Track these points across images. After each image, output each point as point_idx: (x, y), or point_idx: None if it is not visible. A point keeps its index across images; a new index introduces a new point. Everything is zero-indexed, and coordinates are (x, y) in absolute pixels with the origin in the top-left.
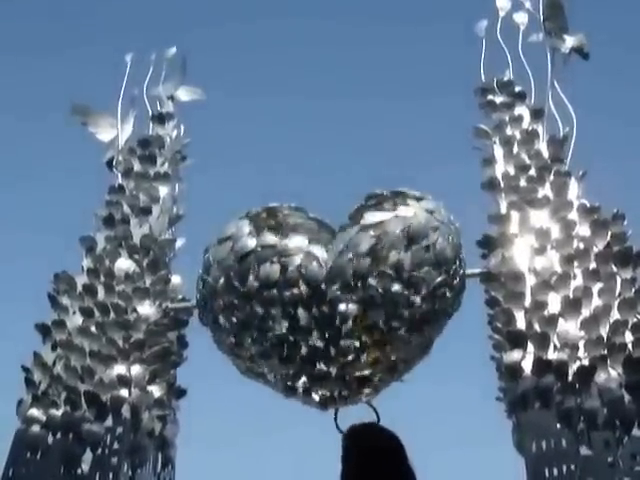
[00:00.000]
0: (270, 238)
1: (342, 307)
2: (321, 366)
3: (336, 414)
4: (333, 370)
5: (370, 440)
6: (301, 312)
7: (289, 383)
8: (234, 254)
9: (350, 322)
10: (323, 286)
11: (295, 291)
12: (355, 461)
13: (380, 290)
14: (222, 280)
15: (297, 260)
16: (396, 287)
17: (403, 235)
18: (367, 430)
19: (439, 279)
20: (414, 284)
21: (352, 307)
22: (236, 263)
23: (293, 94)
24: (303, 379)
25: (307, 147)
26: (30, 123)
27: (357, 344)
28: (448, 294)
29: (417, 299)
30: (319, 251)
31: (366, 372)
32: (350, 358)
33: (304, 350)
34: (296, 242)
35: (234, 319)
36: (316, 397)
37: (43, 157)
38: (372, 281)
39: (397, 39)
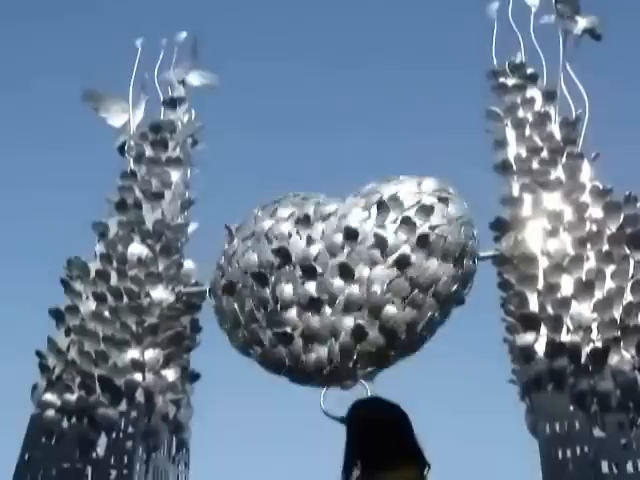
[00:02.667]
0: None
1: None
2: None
3: (324, 395)
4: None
5: (374, 411)
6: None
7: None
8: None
9: None
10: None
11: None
12: (359, 432)
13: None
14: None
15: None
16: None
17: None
18: (371, 403)
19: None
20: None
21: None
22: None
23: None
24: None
25: (320, 130)
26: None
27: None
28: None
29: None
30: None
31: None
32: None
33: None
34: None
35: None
36: (312, 357)
37: (56, 142)
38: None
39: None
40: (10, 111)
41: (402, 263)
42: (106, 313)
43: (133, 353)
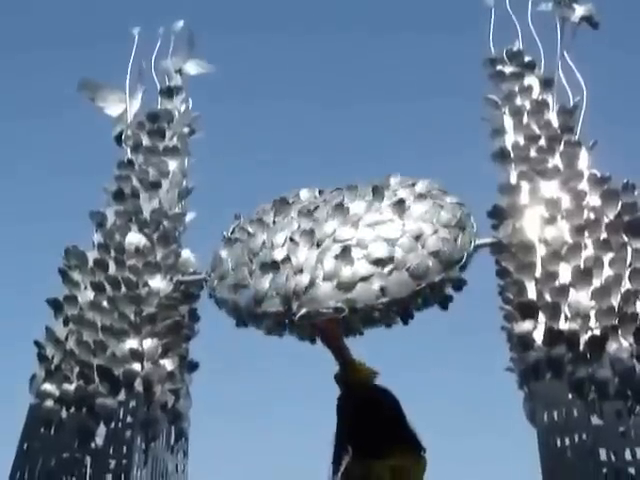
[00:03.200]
0: None
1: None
2: None
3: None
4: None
5: (367, 396)
6: None
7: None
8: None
9: None
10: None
11: None
12: (351, 417)
13: None
14: None
15: None
16: None
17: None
18: (362, 388)
19: None
20: None
21: None
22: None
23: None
24: None
25: (319, 124)
26: (39, 99)
27: None
28: None
29: None
30: None
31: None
32: None
33: None
34: None
35: None
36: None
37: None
38: None
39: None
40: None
41: (399, 209)
42: (104, 303)
43: (131, 343)
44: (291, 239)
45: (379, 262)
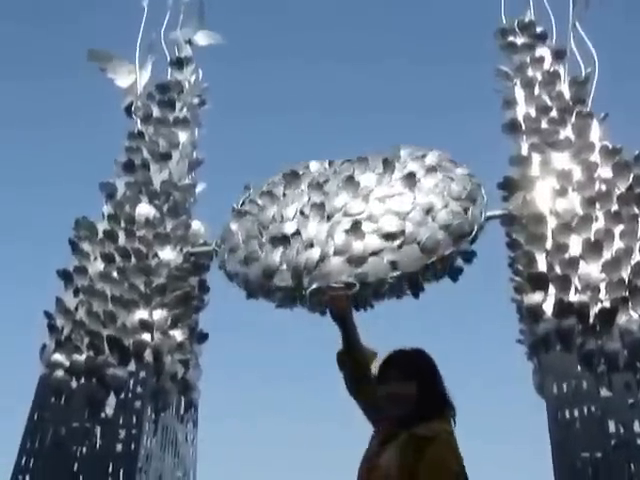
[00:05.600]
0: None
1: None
2: None
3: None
4: None
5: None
6: None
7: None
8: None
9: None
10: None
11: None
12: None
13: None
14: None
15: None
16: None
17: None
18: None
19: None
20: None
21: None
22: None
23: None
24: None
25: (329, 93)
26: (49, 71)
27: None
28: None
29: None
30: None
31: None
32: None
33: None
34: None
35: None
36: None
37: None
38: None
39: None
40: (16, 74)
41: (410, 182)
42: (114, 274)
43: (141, 313)
44: (301, 212)
45: (390, 236)
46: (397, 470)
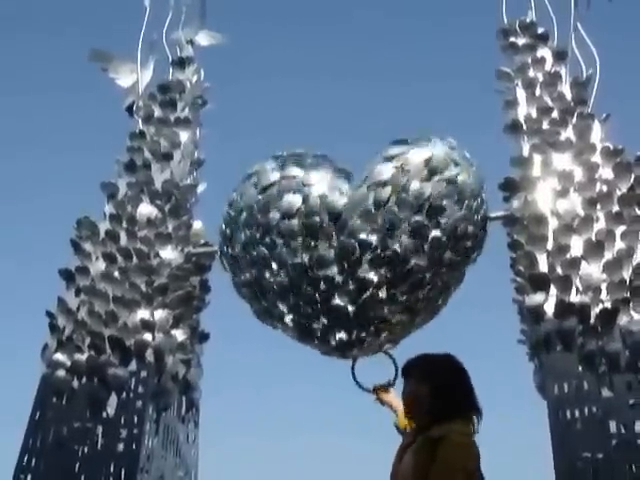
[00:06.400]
0: (293, 170)
1: (362, 236)
2: (339, 301)
3: (353, 365)
4: (351, 308)
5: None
6: (321, 244)
7: (307, 325)
8: (258, 187)
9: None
10: (344, 216)
11: (316, 219)
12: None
13: (401, 217)
14: (245, 213)
15: (319, 189)
16: (417, 217)
17: (424, 165)
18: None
19: (460, 213)
20: (434, 214)
21: (372, 237)
22: (259, 195)
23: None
24: (321, 320)
25: (332, 97)
26: (51, 71)
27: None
28: (469, 230)
29: (438, 232)
30: (341, 182)
31: (384, 311)
32: (368, 293)
33: (322, 285)
34: (318, 174)
35: (254, 253)
36: (333, 342)
37: (61, 106)
38: (393, 208)
39: None
40: (15, 70)
41: (415, 270)
42: (116, 273)
43: (143, 313)
44: None
45: None
46: (413, 472)
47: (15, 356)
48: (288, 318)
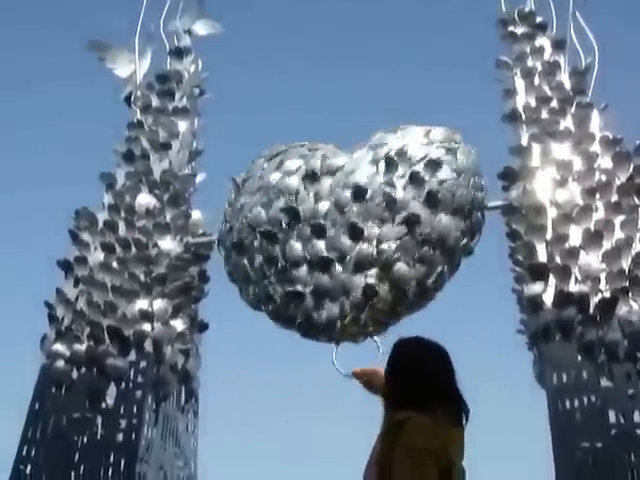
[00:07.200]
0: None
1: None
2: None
3: (336, 352)
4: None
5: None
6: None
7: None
8: (264, 157)
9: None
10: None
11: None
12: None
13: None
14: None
15: (321, 153)
16: (415, 168)
17: (424, 135)
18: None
19: (458, 180)
20: (432, 168)
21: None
22: (265, 163)
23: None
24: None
25: (330, 85)
26: (47, 59)
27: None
28: (466, 198)
29: (435, 185)
30: (342, 151)
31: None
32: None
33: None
34: (322, 144)
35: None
36: (323, 314)
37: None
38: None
39: None
40: (13, 62)
41: (411, 221)
42: (114, 264)
43: (142, 303)
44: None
45: None
46: (379, 457)
47: (14, 347)
48: (277, 294)
